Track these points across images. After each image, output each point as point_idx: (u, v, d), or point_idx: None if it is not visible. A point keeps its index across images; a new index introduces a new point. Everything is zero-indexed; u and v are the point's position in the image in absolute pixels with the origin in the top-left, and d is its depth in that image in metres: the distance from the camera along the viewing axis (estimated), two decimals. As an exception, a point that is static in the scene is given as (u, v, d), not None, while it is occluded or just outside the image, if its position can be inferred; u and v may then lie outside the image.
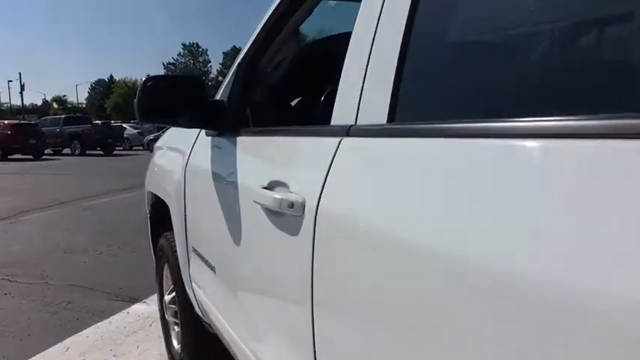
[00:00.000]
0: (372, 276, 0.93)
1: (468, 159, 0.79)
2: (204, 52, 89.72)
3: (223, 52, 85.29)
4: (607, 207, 0.58)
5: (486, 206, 0.72)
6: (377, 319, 0.93)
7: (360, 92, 1.10)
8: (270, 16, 1.78)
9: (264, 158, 1.61)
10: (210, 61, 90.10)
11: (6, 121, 25.70)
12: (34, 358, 3.09)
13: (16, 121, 28.59)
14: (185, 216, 2.25)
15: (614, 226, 0.56)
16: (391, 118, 0.99)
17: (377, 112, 1.03)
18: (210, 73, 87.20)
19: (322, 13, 2.07)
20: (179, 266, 2.43)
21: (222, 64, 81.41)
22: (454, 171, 0.81)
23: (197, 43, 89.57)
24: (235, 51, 65.18)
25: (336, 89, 1.23)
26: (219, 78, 66.72)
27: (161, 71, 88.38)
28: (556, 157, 0.66)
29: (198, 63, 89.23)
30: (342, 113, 1.17)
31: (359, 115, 1.09)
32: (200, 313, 2.30)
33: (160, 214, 2.74)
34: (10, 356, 3.12)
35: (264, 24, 1.82)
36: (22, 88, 69.20)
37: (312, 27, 2.69)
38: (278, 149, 1.56)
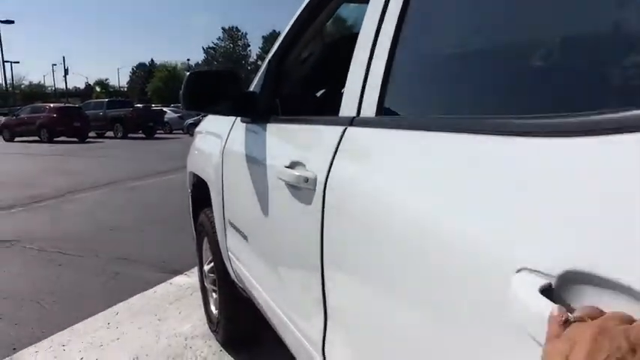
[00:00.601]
0: (369, 237, 1.17)
1: (438, 147, 1.02)
2: (244, 36, 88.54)
3: (263, 36, 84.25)
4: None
5: (444, 178, 0.95)
6: (372, 270, 1.18)
7: (361, 88, 1.33)
8: (297, 19, 2.01)
9: (288, 142, 1.85)
10: (249, 45, 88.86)
11: (51, 105, 26.10)
12: (88, 319, 3.45)
13: (62, 105, 28.80)
14: (223, 192, 2.49)
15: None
16: (380, 112, 1.25)
17: (372, 106, 1.27)
18: (250, 57, 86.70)
19: (344, 14, 2.30)
20: (217, 238, 2.70)
21: (261, 48, 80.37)
22: (427, 154, 1.05)
23: (237, 27, 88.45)
24: (275, 35, 64.65)
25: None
26: (259, 62, 66.37)
27: (201, 55, 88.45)
28: (501, 151, 0.83)
29: (237, 47, 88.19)
30: (348, 106, 1.40)
31: (361, 108, 1.33)
32: (235, 279, 2.58)
33: (200, 193, 3.00)
34: (67, 318, 3.48)
35: (291, 26, 2.05)
36: (66, 71, 69.02)
37: (334, 27, 2.92)
38: (299, 135, 1.79)
